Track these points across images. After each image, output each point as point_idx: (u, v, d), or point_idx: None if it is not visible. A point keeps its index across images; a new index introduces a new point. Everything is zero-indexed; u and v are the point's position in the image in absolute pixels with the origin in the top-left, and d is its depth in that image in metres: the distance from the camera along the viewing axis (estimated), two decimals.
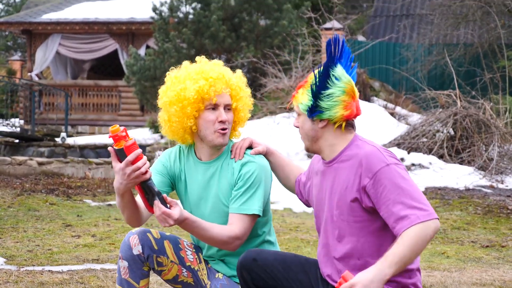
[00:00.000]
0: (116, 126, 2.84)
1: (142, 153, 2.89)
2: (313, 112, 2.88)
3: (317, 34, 15.49)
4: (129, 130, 19.13)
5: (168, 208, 2.87)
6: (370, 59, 18.41)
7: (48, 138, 16.22)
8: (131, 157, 2.84)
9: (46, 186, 9.67)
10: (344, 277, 2.69)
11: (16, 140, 15.62)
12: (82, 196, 9.25)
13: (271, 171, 3.32)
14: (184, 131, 3.24)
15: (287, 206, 8.90)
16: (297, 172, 3.33)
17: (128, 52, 20.24)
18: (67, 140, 15.52)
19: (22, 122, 20.96)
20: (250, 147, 3.25)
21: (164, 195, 2.89)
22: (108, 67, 25.13)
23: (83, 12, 22.12)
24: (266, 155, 3.29)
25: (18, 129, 17.05)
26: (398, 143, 11.39)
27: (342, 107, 2.86)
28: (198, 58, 3.30)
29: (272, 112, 13.41)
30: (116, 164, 2.88)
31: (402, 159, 10.71)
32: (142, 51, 20.74)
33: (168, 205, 2.89)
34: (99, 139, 16.81)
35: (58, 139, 16.03)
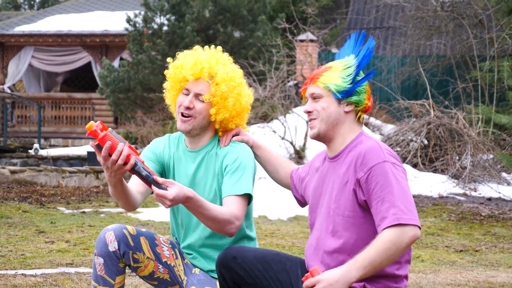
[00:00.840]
0: (90, 122, 2.81)
1: (122, 142, 2.84)
2: (347, 93, 2.90)
3: (291, 45, 15.55)
4: None
5: (165, 189, 2.81)
6: None
7: (21, 150, 16.05)
8: (103, 152, 2.81)
9: (19, 194, 9.55)
10: (312, 271, 2.68)
11: None
12: (56, 204, 9.15)
13: (260, 164, 3.35)
14: (174, 110, 3.33)
15: (262, 214, 8.87)
16: (286, 166, 3.34)
17: (101, 65, 20.14)
18: (40, 152, 15.35)
19: None
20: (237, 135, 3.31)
21: (156, 177, 2.82)
22: (81, 80, 24.96)
23: (56, 25, 21.96)
24: (253, 149, 3.32)
25: None
26: None
27: (367, 96, 2.94)
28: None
29: (247, 122, 13.39)
30: (99, 159, 2.86)
31: None
32: (116, 63, 20.63)
33: (163, 185, 2.82)
34: (72, 150, 16.65)
35: (31, 151, 15.87)
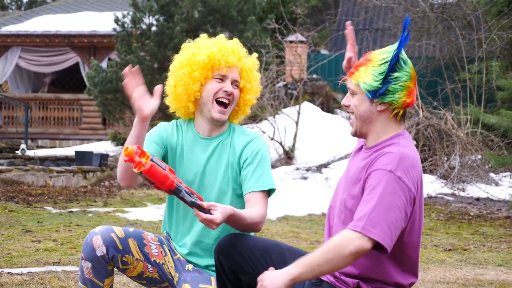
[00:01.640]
0: (128, 149, 2.67)
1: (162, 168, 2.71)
2: (376, 93, 2.74)
3: (281, 46, 15.55)
4: (90, 144, 19.00)
5: (209, 213, 2.74)
6: (333, 71, 18.51)
7: (8, 150, 15.94)
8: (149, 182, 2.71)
9: (5, 194, 9.47)
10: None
11: None
12: (43, 203, 9.07)
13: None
14: (188, 98, 3.20)
15: None
16: None
17: (89, 65, 20.05)
18: (27, 152, 15.25)
19: None
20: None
21: (201, 202, 2.74)
22: (69, 80, 24.85)
23: (44, 25, 21.85)
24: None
25: None
26: None
27: (406, 93, 2.74)
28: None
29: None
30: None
31: None
32: (104, 64, 20.54)
33: (208, 209, 2.74)
34: (60, 151, 16.56)
35: (18, 152, 15.76)
